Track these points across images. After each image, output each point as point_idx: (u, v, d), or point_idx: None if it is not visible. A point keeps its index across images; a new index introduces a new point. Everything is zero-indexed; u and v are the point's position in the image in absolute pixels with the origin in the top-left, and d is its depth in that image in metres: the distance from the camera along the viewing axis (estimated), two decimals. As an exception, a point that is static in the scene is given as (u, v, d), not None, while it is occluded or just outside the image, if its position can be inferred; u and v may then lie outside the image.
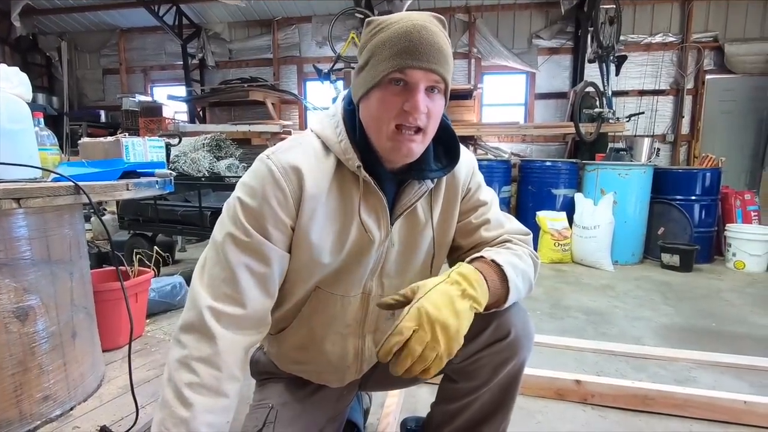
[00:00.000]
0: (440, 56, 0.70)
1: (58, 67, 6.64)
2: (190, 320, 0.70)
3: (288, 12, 5.86)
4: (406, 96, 0.71)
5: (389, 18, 0.73)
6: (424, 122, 0.72)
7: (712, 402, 1.36)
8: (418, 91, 0.70)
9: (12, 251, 1.02)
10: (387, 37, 0.71)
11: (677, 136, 5.22)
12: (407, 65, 0.69)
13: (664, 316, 2.37)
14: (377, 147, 0.76)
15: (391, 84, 0.71)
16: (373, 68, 0.72)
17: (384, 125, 0.72)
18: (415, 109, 0.70)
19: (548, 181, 3.87)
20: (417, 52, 0.69)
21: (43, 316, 1.08)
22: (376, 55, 0.71)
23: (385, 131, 0.73)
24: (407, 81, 0.70)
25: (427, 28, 0.70)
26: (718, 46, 5.02)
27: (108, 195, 1.12)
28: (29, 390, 1.06)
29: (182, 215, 2.91)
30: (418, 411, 1.37)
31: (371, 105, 0.74)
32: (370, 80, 0.72)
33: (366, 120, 0.76)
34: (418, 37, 0.69)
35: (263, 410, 0.90)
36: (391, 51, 0.69)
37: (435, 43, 0.70)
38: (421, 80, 0.70)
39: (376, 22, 0.74)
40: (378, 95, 0.72)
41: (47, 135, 1.28)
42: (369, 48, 0.73)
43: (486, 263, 0.76)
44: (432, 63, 0.69)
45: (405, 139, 0.72)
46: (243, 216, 0.73)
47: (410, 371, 0.66)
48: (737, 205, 3.80)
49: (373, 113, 0.74)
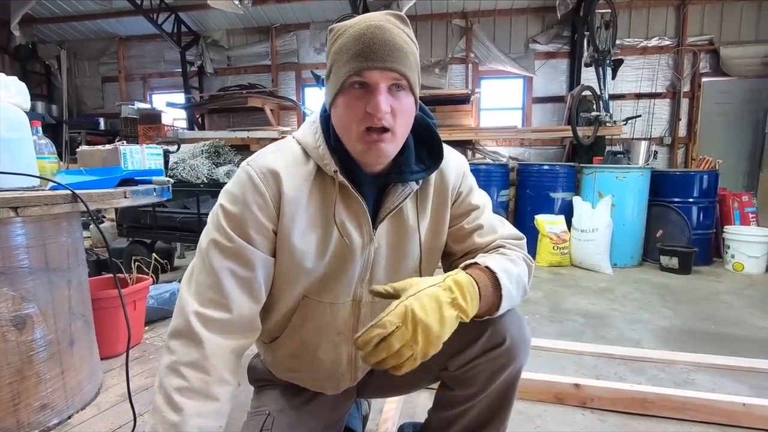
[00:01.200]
0: (397, 54, 0.70)
1: (58, 75, 6.68)
2: (178, 326, 0.71)
3: (286, 19, 5.90)
4: (367, 98, 0.71)
5: (348, 22, 0.74)
6: (390, 122, 0.72)
7: (711, 404, 1.36)
8: (379, 92, 0.70)
9: (9, 260, 1.02)
10: (344, 42, 0.71)
11: (674, 138, 5.25)
12: (363, 67, 0.69)
13: (663, 318, 2.37)
14: (351, 151, 0.77)
15: (353, 88, 0.71)
16: (335, 75, 0.73)
17: (352, 129, 0.73)
18: (377, 109, 0.69)
19: (546, 184, 3.88)
20: (371, 53, 0.69)
21: (40, 324, 1.08)
22: (336, 62, 0.72)
23: (354, 135, 0.73)
24: (367, 83, 0.71)
25: (382, 27, 0.70)
26: (714, 49, 5.05)
27: (105, 203, 1.12)
28: (27, 399, 1.06)
29: (181, 222, 2.92)
30: (416, 417, 1.36)
31: (338, 111, 0.75)
32: (333, 87, 0.73)
33: (337, 126, 0.77)
34: (371, 38, 0.69)
35: (260, 417, 0.90)
36: (348, 55, 0.70)
37: (389, 41, 0.70)
38: (381, 80, 0.70)
39: (336, 28, 0.75)
40: (342, 101, 0.73)
41: (45, 143, 1.29)
42: (331, 55, 0.74)
43: (480, 270, 0.76)
44: (388, 62, 0.69)
45: (374, 140, 0.72)
46: (225, 222, 0.74)
47: (383, 363, 0.66)
48: (735, 207, 3.81)
49: (341, 119, 0.75)
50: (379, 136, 0.72)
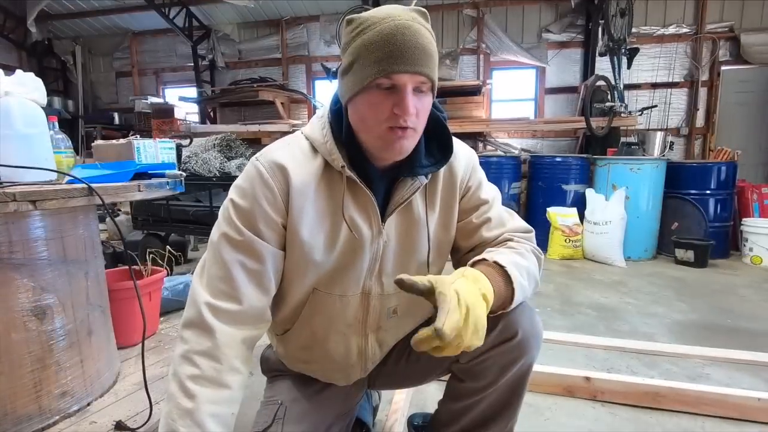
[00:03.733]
0: (425, 57, 0.70)
1: (73, 70, 6.77)
2: (191, 317, 0.73)
3: (296, 11, 5.88)
4: (394, 99, 0.71)
5: (371, 17, 0.72)
6: (414, 122, 0.73)
7: (725, 399, 1.34)
8: (407, 93, 0.70)
9: (29, 252, 1.05)
10: (370, 39, 0.70)
11: (691, 129, 5.12)
12: (394, 70, 0.69)
13: (677, 312, 2.33)
14: (368, 147, 0.77)
15: (380, 87, 0.71)
16: (359, 72, 0.71)
17: (375, 127, 0.73)
18: (406, 112, 0.70)
19: (559, 176, 3.83)
20: (402, 56, 0.68)
21: (60, 314, 1.12)
22: (361, 59, 0.71)
23: (376, 132, 0.73)
24: (394, 84, 0.71)
25: (411, 28, 0.70)
26: (734, 36, 4.89)
27: (120, 196, 1.15)
28: (48, 386, 1.09)
29: (194, 215, 2.96)
30: (426, 408, 1.37)
31: (360, 108, 0.74)
32: (356, 84, 0.72)
33: (355, 121, 0.76)
34: (402, 41, 0.69)
35: (273, 406, 0.92)
36: (377, 55, 0.69)
37: (419, 44, 0.70)
38: (408, 82, 0.70)
39: (358, 21, 0.73)
40: (366, 99, 0.72)
41: (62, 138, 1.32)
42: (353, 50, 0.72)
43: (489, 266, 0.76)
44: (417, 65, 0.69)
45: (397, 137, 0.73)
46: (235, 216, 0.76)
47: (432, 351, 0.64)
48: (754, 199, 3.73)
49: (363, 116, 0.74)
50: (403, 133, 0.73)
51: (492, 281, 0.72)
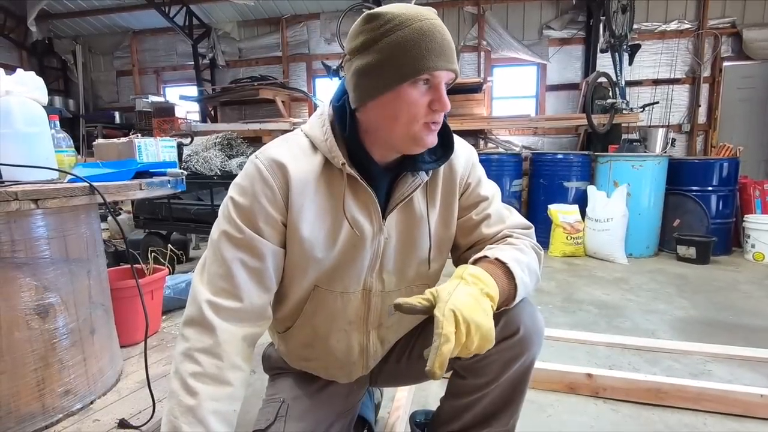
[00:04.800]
0: (454, 54, 0.74)
1: (74, 70, 6.77)
2: (192, 315, 0.74)
3: (296, 9, 5.87)
4: (430, 95, 0.73)
5: (399, 14, 0.70)
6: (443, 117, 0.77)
7: (727, 395, 1.34)
8: (443, 90, 0.73)
9: (32, 250, 1.05)
10: (407, 37, 0.69)
11: (693, 125, 5.10)
12: (437, 66, 0.71)
13: (679, 309, 2.33)
14: (395, 143, 0.77)
15: (418, 84, 0.72)
16: (395, 67, 0.70)
17: (410, 125, 0.74)
18: (445, 107, 0.74)
19: (560, 173, 3.82)
20: (443, 54, 0.71)
21: (62, 312, 1.12)
22: (396, 56, 0.70)
23: (410, 130, 0.74)
24: (432, 81, 0.72)
25: (443, 28, 0.73)
26: (736, 31, 4.87)
27: (122, 195, 1.15)
28: (51, 384, 1.10)
29: (195, 213, 2.97)
30: (428, 405, 1.38)
31: (392, 106, 0.73)
32: (390, 81, 0.71)
33: (379, 120, 0.75)
34: (441, 38, 0.71)
35: (275, 404, 0.92)
36: (419, 52, 0.70)
37: (450, 42, 0.74)
38: (444, 79, 0.73)
39: (385, 18, 0.70)
40: (401, 97, 0.72)
41: (63, 137, 1.32)
42: (382, 47, 0.70)
43: (490, 263, 0.76)
44: (452, 63, 0.73)
45: (429, 133, 0.76)
46: (235, 214, 0.76)
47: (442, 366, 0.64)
48: (756, 196, 3.71)
49: (396, 114, 0.73)
50: (436, 128, 0.76)
51: (495, 278, 0.73)
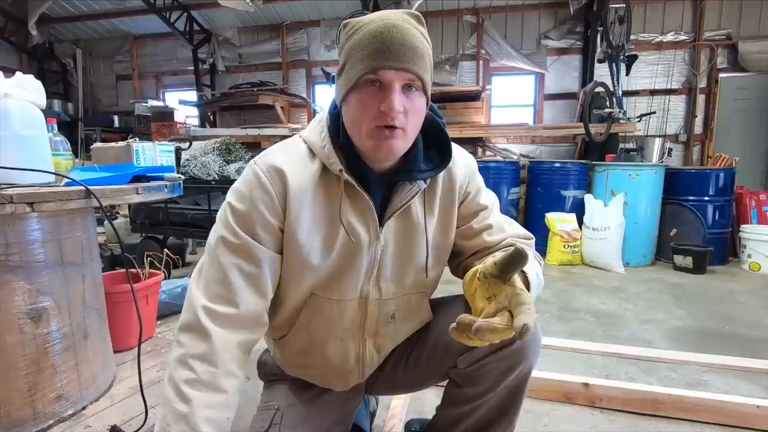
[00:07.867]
0: (413, 54, 0.70)
1: (74, 73, 6.80)
2: (187, 320, 0.73)
3: (297, 16, 5.92)
4: (381, 97, 0.71)
5: (363, 19, 0.74)
6: (402, 121, 0.72)
7: (723, 406, 1.34)
8: (393, 91, 0.70)
9: (26, 254, 1.05)
10: (359, 39, 0.71)
11: (690, 136, 5.14)
12: (379, 66, 0.69)
13: (676, 318, 2.33)
14: (360, 148, 0.77)
15: (367, 85, 0.72)
16: (349, 71, 0.72)
17: (363, 126, 0.73)
18: (391, 109, 0.70)
19: (558, 182, 3.84)
20: (388, 52, 0.69)
21: (56, 317, 1.11)
22: (351, 58, 0.72)
23: (364, 132, 0.73)
24: (382, 81, 0.71)
25: (399, 27, 0.70)
26: (732, 44, 4.93)
27: (118, 199, 1.15)
28: (43, 389, 1.09)
29: (192, 218, 2.96)
30: (424, 413, 1.37)
31: (350, 108, 0.75)
32: (346, 83, 0.73)
33: (347, 122, 0.77)
34: (389, 37, 0.69)
35: (270, 411, 0.91)
36: (364, 53, 0.70)
37: (406, 41, 0.70)
38: (395, 80, 0.70)
39: (351, 24, 0.75)
40: (355, 97, 0.73)
41: (60, 140, 1.32)
42: (345, 51, 0.74)
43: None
44: (404, 62, 0.70)
45: (384, 137, 0.72)
46: (233, 219, 0.76)
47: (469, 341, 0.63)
48: (752, 206, 3.73)
49: (353, 115, 0.75)
50: (391, 133, 0.72)
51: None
